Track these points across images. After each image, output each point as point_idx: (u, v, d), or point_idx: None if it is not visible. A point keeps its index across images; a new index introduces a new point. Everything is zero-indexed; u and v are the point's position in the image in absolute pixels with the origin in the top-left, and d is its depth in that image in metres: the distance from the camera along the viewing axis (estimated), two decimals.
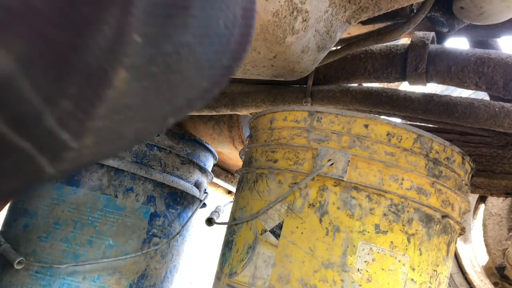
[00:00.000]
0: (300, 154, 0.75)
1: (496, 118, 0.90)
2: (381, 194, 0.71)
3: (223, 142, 1.53)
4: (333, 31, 0.70)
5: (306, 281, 0.68)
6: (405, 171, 0.72)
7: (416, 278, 0.71)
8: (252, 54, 0.65)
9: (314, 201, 0.72)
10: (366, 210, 0.70)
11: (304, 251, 0.70)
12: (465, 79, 0.93)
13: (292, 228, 0.72)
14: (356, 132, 0.73)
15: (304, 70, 0.74)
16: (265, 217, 0.75)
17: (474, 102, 0.93)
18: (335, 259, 0.68)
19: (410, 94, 0.98)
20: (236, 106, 1.13)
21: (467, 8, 0.82)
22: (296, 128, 0.77)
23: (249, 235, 0.76)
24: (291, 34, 0.62)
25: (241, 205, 0.82)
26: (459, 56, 0.93)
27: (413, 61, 0.96)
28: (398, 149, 0.72)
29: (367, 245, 0.69)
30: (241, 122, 1.47)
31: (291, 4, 0.58)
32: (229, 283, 0.77)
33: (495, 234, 1.80)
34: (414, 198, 0.71)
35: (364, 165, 0.71)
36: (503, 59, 0.91)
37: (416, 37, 0.98)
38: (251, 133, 0.90)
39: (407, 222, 0.71)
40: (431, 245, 0.73)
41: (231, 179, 1.92)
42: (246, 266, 0.74)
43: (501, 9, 0.80)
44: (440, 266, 0.75)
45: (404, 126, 0.73)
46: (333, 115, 0.75)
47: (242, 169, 0.87)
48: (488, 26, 0.95)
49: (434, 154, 0.74)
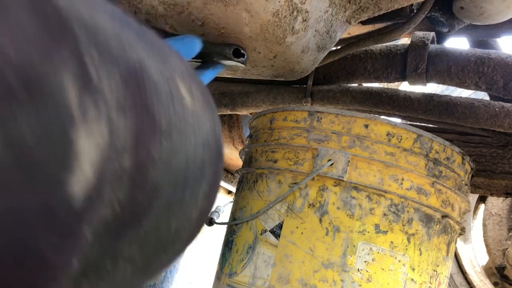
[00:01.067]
0: (300, 154, 0.75)
1: (496, 118, 0.90)
2: (381, 194, 0.71)
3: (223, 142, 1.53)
4: (333, 31, 0.70)
5: (306, 281, 0.68)
6: (405, 171, 0.72)
7: (416, 278, 0.71)
8: (252, 54, 0.65)
9: (314, 201, 0.72)
10: (366, 210, 0.70)
11: (304, 251, 0.70)
12: (465, 79, 0.93)
13: (292, 228, 0.72)
14: (356, 132, 0.73)
15: (304, 70, 0.74)
16: (265, 217, 0.75)
17: (474, 102, 0.93)
18: (335, 259, 0.68)
19: (410, 94, 0.98)
20: (236, 106, 1.13)
21: (467, 8, 0.82)
22: (296, 128, 0.77)
23: (249, 235, 0.76)
24: (291, 34, 0.62)
25: (241, 205, 0.82)
26: (459, 56, 0.93)
27: (413, 61, 0.96)
28: (398, 149, 0.72)
29: (367, 245, 0.69)
30: (241, 122, 1.47)
31: (291, 4, 0.58)
32: (229, 283, 0.77)
33: (495, 234, 1.80)
34: (414, 198, 0.71)
35: (364, 165, 0.71)
36: (503, 59, 0.91)
37: (416, 37, 0.98)
38: (251, 133, 0.90)
39: (407, 222, 0.71)
40: (431, 245, 0.73)
41: (231, 179, 1.92)
42: (246, 266, 0.74)
43: (501, 9, 0.80)
44: (440, 266, 0.75)
45: (404, 126, 0.73)
46: (333, 115, 0.75)
47: (242, 169, 0.87)
48: (488, 26, 0.95)
49: (434, 154, 0.74)
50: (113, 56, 0.19)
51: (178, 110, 0.23)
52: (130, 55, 0.20)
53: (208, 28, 0.61)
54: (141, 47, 0.22)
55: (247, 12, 0.57)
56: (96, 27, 0.19)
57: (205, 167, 0.26)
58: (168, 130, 0.22)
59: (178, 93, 0.24)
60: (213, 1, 0.56)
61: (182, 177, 0.23)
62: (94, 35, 0.18)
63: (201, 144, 0.25)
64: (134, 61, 0.20)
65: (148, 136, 0.20)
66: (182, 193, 0.24)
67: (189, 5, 0.58)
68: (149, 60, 0.22)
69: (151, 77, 0.21)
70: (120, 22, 0.22)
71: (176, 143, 0.22)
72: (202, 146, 0.25)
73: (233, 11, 0.57)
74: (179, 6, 0.59)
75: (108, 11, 0.21)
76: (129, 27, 0.22)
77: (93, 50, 0.18)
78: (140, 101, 0.20)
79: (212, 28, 0.61)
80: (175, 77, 0.24)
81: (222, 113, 1.18)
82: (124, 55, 0.20)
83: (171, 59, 0.25)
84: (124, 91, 0.19)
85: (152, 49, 0.23)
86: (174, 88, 0.23)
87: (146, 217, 0.22)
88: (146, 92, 0.21)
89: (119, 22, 0.22)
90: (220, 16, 0.58)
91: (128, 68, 0.20)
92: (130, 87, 0.20)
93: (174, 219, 0.24)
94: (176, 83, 0.24)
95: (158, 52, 0.24)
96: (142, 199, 0.21)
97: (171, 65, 0.24)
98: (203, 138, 0.25)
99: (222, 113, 1.19)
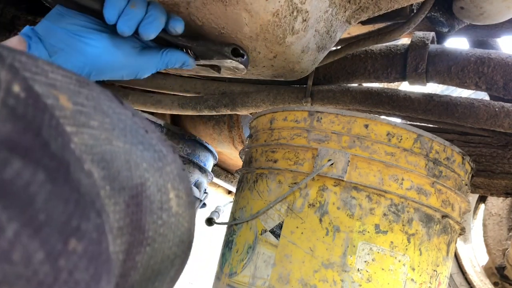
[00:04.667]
0: (300, 154, 0.75)
1: (496, 118, 0.90)
2: (381, 194, 0.71)
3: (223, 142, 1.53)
4: (333, 31, 0.70)
5: (306, 281, 0.68)
6: (405, 171, 0.72)
7: (416, 278, 0.71)
8: (252, 54, 0.65)
9: (314, 201, 0.72)
10: (366, 210, 0.70)
11: (304, 251, 0.70)
12: (465, 79, 0.93)
13: (292, 228, 0.72)
14: (356, 132, 0.73)
15: (304, 70, 0.74)
16: (265, 217, 0.75)
17: (474, 102, 0.93)
18: (335, 259, 0.68)
19: (410, 94, 0.98)
20: (236, 106, 1.13)
21: (467, 8, 0.82)
22: (296, 128, 0.77)
23: (249, 235, 0.76)
24: (291, 34, 0.62)
25: (241, 205, 0.82)
26: (459, 56, 0.93)
27: (413, 61, 0.96)
28: (398, 149, 0.72)
29: (367, 245, 0.69)
30: (241, 122, 1.47)
31: (291, 4, 0.58)
32: (229, 283, 0.77)
33: (495, 234, 1.80)
34: (414, 198, 0.71)
35: (364, 165, 0.71)
36: (503, 59, 0.91)
37: (416, 37, 0.98)
38: (251, 133, 0.90)
39: (407, 222, 0.71)
40: (431, 245, 0.73)
41: (231, 179, 1.92)
42: (246, 266, 0.74)
43: (501, 9, 0.80)
44: (440, 266, 0.75)
45: (404, 126, 0.73)
46: (333, 115, 0.75)
47: (242, 169, 0.87)
48: (488, 26, 0.95)
49: (434, 154, 0.74)
50: (121, 184, 0.22)
51: (164, 217, 0.26)
52: (134, 177, 0.24)
53: (208, 28, 0.61)
54: (145, 161, 0.25)
55: (247, 12, 0.57)
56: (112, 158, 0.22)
57: (176, 259, 0.29)
58: (152, 237, 0.25)
59: (167, 200, 0.27)
60: (213, 1, 0.56)
61: (156, 272, 0.27)
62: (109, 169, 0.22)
63: (177, 243, 0.29)
64: (137, 182, 0.24)
65: (136, 247, 0.24)
66: (153, 284, 0.27)
67: (189, 5, 0.58)
68: (149, 174, 0.25)
69: (148, 193, 0.25)
70: (131, 136, 0.25)
71: (157, 247, 0.26)
72: (177, 244, 0.29)
73: (233, 11, 0.57)
74: (179, 6, 0.59)
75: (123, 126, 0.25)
76: (138, 139, 0.26)
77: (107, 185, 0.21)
78: (135, 219, 0.23)
79: (212, 28, 0.61)
80: (168, 185, 0.27)
81: (222, 113, 1.19)
82: (130, 178, 0.23)
83: (167, 166, 0.28)
84: (124, 214, 0.22)
85: (153, 158, 0.27)
86: (165, 196, 0.27)
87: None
88: (141, 210, 0.24)
89: (130, 138, 0.25)
90: (219, 16, 0.58)
91: (131, 190, 0.23)
92: (130, 209, 0.23)
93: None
94: (167, 191, 0.27)
95: (158, 159, 0.27)
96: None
97: (166, 172, 0.28)
98: (179, 237, 0.29)
99: (222, 113, 1.19)
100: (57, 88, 0.20)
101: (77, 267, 0.17)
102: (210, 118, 1.50)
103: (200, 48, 0.62)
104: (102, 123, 0.23)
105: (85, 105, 0.22)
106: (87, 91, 0.23)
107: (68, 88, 0.21)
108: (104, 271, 0.19)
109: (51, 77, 0.20)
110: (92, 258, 0.18)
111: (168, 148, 0.30)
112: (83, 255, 0.17)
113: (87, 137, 0.21)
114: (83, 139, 0.21)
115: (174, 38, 0.60)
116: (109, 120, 0.24)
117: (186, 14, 0.59)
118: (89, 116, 0.22)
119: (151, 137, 0.28)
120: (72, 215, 0.17)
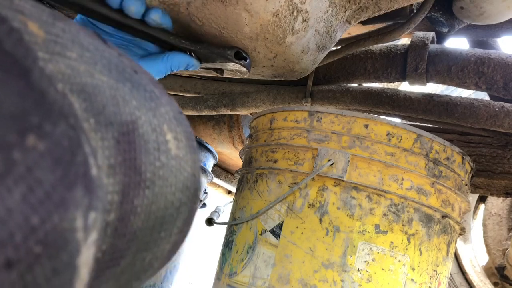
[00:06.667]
0: (300, 154, 0.75)
1: (496, 118, 0.90)
2: (381, 194, 0.71)
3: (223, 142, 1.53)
4: (333, 31, 0.70)
5: (306, 281, 0.68)
6: (405, 171, 0.72)
7: (416, 278, 0.71)
8: (252, 54, 0.65)
9: (314, 201, 0.72)
10: (366, 210, 0.70)
11: (304, 251, 0.70)
12: (465, 79, 0.93)
13: (292, 228, 0.72)
14: (356, 132, 0.73)
15: (304, 70, 0.74)
16: (265, 217, 0.75)
17: (474, 102, 0.93)
18: (335, 259, 0.68)
19: (410, 94, 0.98)
20: (236, 106, 1.13)
21: (467, 8, 0.82)
22: (296, 128, 0.77)
23: (249, 235, 0.76)
24: (291, 34, 0.62)
25: (241, 205, 0.82)
26: (459, 56, 0.93)
27: (413, 61, 0.96)
28: (398, 149, 0.72)
29: (367, 245, 0.69)
30: (241, 122, 1.47)
31: (291, 4, 0.58)
32: (229, 283, 0.77)
33: (495, 234, 1.80)
34: (414, 198, 0.71)
35: (364, 165, 0.71)
36: (503, 59, 0.91)
37: (416, 37, 0.98)
38: (251, 133, 0.90)
39: (407, 222, 0.71)
40: (431, 245, 0.73)
41: (231, 179, 1.92)
42: (246, 266, 0.74)
43: (501, 9, 0.80)
44: (440, 266, 0.75)
45: (404, 126, 0.73)
46: (333, 115, 0.75)
47: (242, 169, 0.87)
48: (488, 26, 0.95)
49: (434, 154, 0.74)
50: (108, 119, 0.21)
51: (163, 158, 0.25)
52: (123, 113, 0.22)
53: (208, 28, 0.61)
54: (134, 99, 0.24)
55: (247, 12, 0.57)
56: (94, 92, 0.20)
57: (182, 206, 0.27)
58: (151, 179, 0.23)
59: (164, 141, 0.25)
60: (213, 1, 0.56)
61: (160, 220, 0.25)
62: (92, 102, 0.20)
63: (180, 188, 0.27)
64: (127, 119, 0.22)
65: (133, 189, 0.22)
66: (158, 233, 0.26)
67: (189, 5, 0.58)
68: (140, 113, 0.24)
69: (141, 132, 0.23)
70: (117, 73, 0.23)
71: (157, 191, 0.24)
72: (181, 189, 0.27)
73: (233, 11, 0.57)
74: (179, 6, 0.58)
75: (106, 62, 0.23)
76: (124, 76, 0.24)
77: (91, 118, 0.19)
78: (129, 158, 0.22)
79: (212, 28, 0.61)
80: (163, 126, 0.26)
81: (222, 113, 1.19)
82: (118, 114, 0.22)
83: (161, 107, 0.27)
84: (115, 151, 0.21)
85: (144, 97, 0.25)
86: (161, 137, 0.25)
87: (124, 258, 0.23)
88: (135, 149, 0.22)
89: (115, 75, 0.23)
90: (219, 16, 0.58)
91: (121, 127, 0.21)
92: (121, 146, 0.21)
93: (149, 254, 0.26)
94: (163, 132, 0.26)
95: (150, 99, 0.25)
96: (122, 244, 0.22)
97: (161, 113, 0.26)
98: (182, 182, 0.27)
99: (222, 113, 1.19)
100: (26, 15, 0.18)
101: (39, 165, 0.15)
102: (210, 118, 1.50)
103: (203, 51, 0.62)
104: (81, 56, 0.21)
105: (61, 36, 0.20)
106: (63, 24, 0.21)
107: (40, 18, 0.19)
108: (79, 181, 0.17)
109: (17, 4, 0.19)
110: (60, 162, 0.16)
111: (161, 90, 0.28)
112: (46, 154, 0.16)
113: (63, 66, 0.19)
114: (59, 67, 0.19)
115: (177, 41, 0.60)
116: (90, 54, 0.22)
117: (186, 14, 0.59)
118: (65, 47, 0.20)
119: (140, 77, 0.26)
120: (29, 111, 0.16)
